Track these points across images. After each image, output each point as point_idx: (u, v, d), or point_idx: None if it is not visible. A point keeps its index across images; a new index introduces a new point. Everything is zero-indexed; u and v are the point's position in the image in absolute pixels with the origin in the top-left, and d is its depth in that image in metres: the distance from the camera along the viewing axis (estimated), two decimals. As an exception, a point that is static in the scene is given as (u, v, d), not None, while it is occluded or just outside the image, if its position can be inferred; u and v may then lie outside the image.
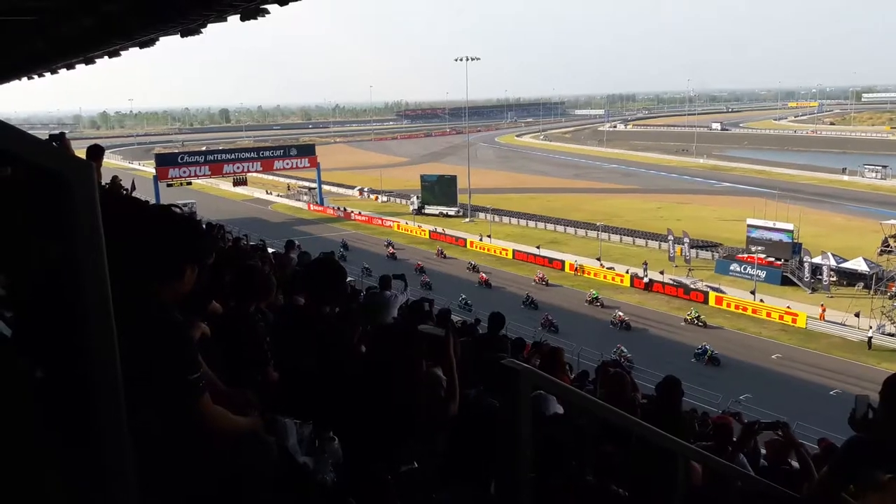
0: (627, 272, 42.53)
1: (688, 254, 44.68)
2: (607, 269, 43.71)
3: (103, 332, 1.31)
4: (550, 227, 58.53)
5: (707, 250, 47.66)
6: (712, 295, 38.69)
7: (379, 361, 3.19)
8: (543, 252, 48.14)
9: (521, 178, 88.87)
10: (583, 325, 34.25)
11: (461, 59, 74.67)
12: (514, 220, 61.50)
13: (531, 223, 60.17)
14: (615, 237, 52.87)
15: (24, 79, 33.78)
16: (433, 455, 3.32)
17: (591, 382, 11.91)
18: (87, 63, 25.74)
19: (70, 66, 27.23)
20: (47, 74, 30.65)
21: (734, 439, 4.97)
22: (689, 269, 43.30)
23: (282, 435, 2.56)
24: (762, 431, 4.77)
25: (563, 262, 45.83)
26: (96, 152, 7.11)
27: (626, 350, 28.57)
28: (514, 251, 49.57)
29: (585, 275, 43.89)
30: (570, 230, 56.89)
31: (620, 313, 35.21)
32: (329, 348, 3.49)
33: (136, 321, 1.89)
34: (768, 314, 35.93)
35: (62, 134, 6.64)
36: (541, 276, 42.90)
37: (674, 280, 41.29)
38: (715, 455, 4.06)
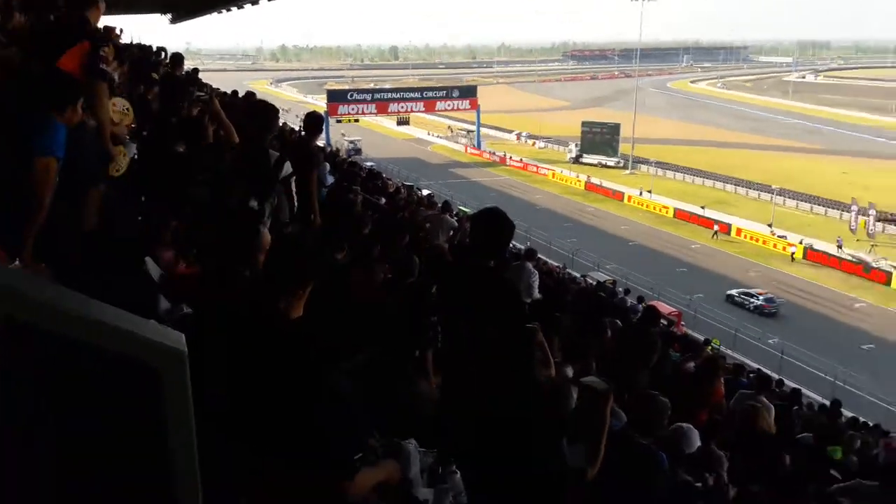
0: (801, 242, 39.09)
1: (872, 227, 40.22)
2: (778, 237, 40.39)
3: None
4: (719, 185, 54.68)
5: (896, 225, 42.64)
6: (897, 276, 34.70)
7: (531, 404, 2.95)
8: (708, 213, 45.20)
9: (690, 129, 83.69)
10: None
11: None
12: (678, 175, 58.16)
13: (697, 179, 56.60)
14: (791, 202, 48.63)
15: (215, 13, 36.35)
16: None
17: (748, 376, 11.10)
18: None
19: (255, 2, 28.91)
20: (234, 9, 32.78)
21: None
22: (872, 245, 39.03)
23: (405, 463, 2.44)
24: None
25: (729, 225, 42.91)
26: (316, 123, 6.76)
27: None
28: (675, 210, 47.00)
29: (751, 241, 40.93)
30: (741, 190, 52.83)
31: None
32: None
33: (311, 398, 1.88)
34: (968, 303, 31.77)
35: (211, 96, 6.32)
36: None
37: (853, 256, 37.42)
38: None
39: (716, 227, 42.38)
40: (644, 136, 66.57)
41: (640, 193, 50.65)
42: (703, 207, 46.18)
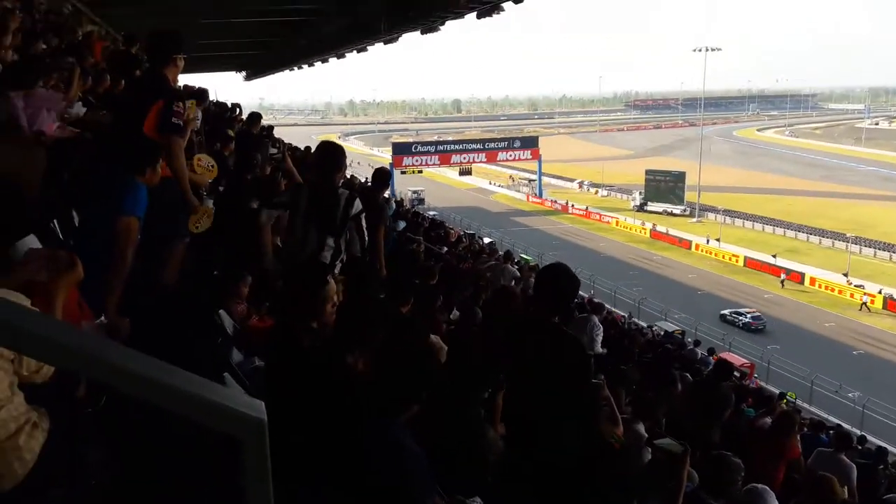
0: (880, 292, 37.28)
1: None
2: (854, 286, 38.64)
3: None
4: (790, 233, 53.07)
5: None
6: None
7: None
8: (780, 261, 43.76)
9: (758, 177, 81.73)
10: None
11: (700, 50, 70.16)
12: (747, 223, 56.73)
13: (767, 228, 55.08)
14: (868, 250, 46.62)
15: (287, 71, 38.03)
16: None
17: (828, 433, 10.56)
18: (338, 58, 28.17)
19: (324, 61, 30.13)
20: (305, 67, 34.24)
21: None
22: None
23: None
24: None
25: (802, 274, 41.36)
26: (384, 178, 6.91)
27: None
28: (745, 258, 45.66)
29: (826, 290, 39.27)
30: (814, 239, 51.11)
31: None
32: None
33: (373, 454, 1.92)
34: None
35: (283, 154, 6.65)
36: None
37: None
38: None
39: (783, 276, 41.03)
40: (710, 184, 65.38)
41: (707, 241, 49.52)
42: (774, 256, 44.78)
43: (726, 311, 34.38)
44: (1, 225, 2.18)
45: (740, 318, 33.48)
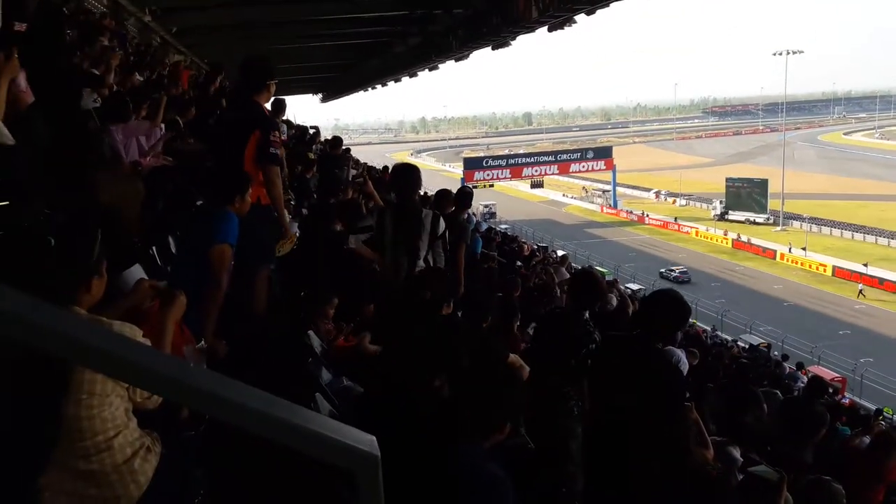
0: None
1: None
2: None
3: None
4: (882, 241, 50.32)
5: None
6: None
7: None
8: (872, 270, 41.49)
9: (846, 183, 77.93)
10: None
11: (780, 53, 67.70)
12: (835, 231, 54.17)
13: (858, 235, 52.40)
14: (971, 258, 43.72)
15: (362, 91, 38.99)
16: None
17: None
18: (410, 76, 28.69)
19: (397, 80, 30.72)
20: (378, 87, 35.06)
21: None
22: None
23: None
24: None
25: (897, 283, 39.10)
26: (466, 198, 6.95)
27: None
28: (833, 267, 43.54)
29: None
30: (910, 246, 48.32)
31: None
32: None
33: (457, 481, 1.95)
34: None
35: (365, 178, 6.89)
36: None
37: None
38: None
39: (861, 286, 39.24)
40: (795, 191, 62.79)
41: (790, 250, 47.50)
42: (865, 265, 42.44)
43: (662, 269, 43.06)
44: (110, 255, 2.32)
45: (672, 272, 42.35)
